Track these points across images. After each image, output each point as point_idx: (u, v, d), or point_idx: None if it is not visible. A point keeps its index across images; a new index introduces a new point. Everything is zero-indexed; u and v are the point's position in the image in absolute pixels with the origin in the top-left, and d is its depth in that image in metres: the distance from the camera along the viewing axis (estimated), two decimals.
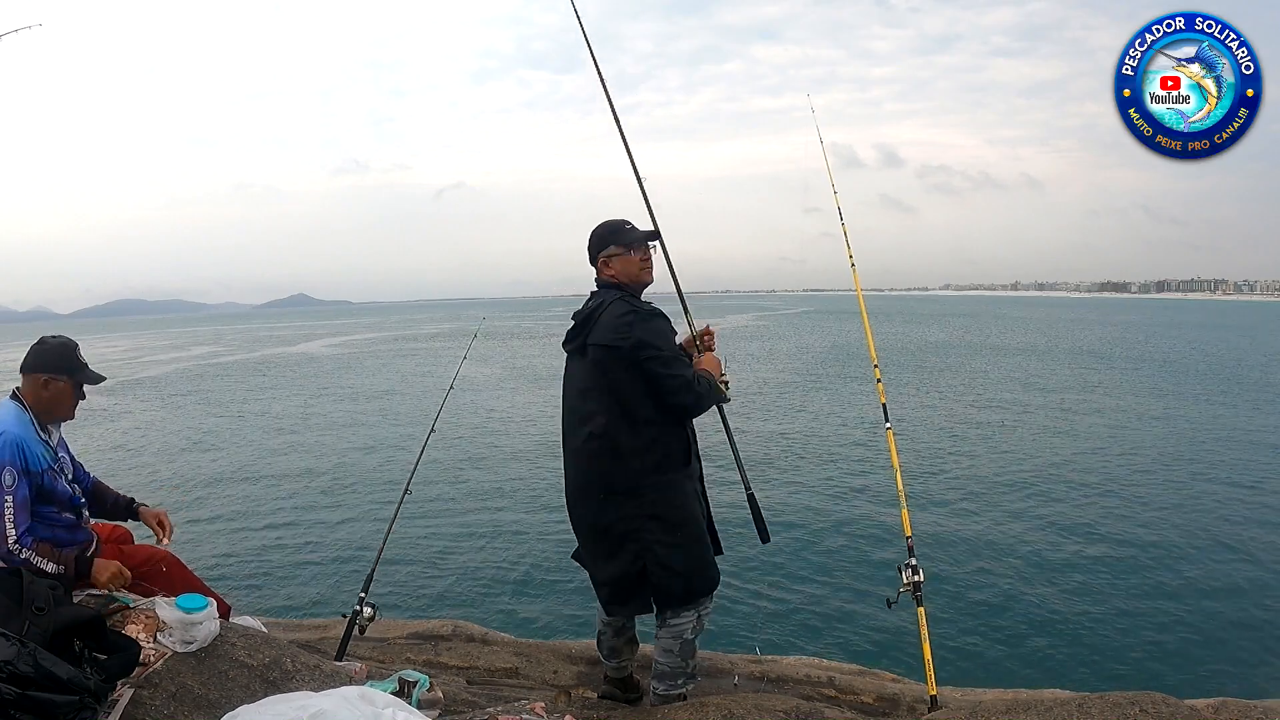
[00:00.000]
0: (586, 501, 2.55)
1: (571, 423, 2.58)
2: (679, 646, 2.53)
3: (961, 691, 3.10)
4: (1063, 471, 12.37)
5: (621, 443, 2.45)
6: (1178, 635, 6.65)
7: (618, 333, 2.42)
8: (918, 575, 2.72)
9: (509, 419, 18.59)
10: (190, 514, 11.11)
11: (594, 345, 2.48)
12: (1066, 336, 47.89)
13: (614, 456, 2.46)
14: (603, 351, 2.45)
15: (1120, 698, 2.07)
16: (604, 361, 2.45)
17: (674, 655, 2.53)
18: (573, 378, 2.61)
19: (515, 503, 11.08)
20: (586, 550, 2.65)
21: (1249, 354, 34.52)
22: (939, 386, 23.52)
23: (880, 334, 32.47)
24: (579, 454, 2.54)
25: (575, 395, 2.58)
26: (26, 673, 1.67)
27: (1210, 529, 9.36)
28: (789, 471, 12.51)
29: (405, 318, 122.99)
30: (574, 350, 2.60)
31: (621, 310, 2.45)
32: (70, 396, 2.54)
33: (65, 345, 2.57)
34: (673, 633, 2.52)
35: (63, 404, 2.54)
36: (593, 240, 2.59)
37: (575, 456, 2.57)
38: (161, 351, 52.07)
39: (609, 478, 2.47)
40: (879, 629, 6.52)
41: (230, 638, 2.40)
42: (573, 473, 2.60)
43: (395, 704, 1.88)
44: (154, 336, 79.51)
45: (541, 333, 55.79)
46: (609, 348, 2.44)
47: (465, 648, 3.43)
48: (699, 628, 2.55)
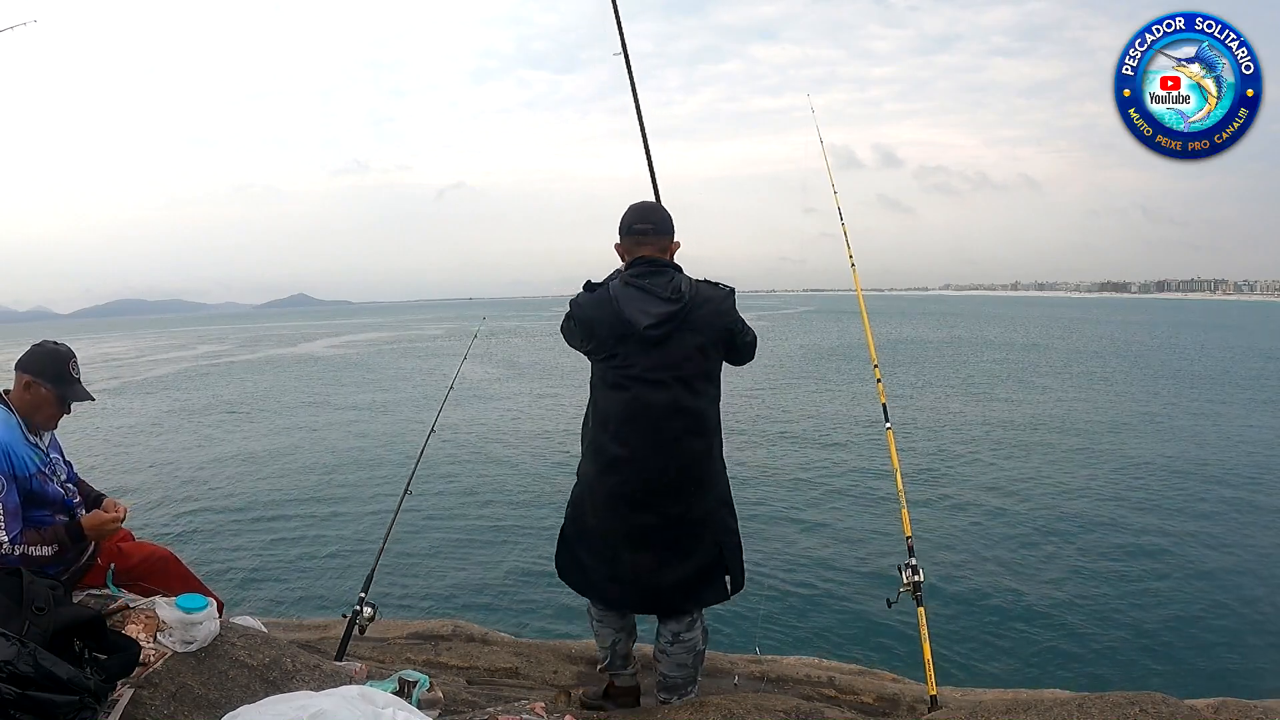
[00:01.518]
0: (678, 495, 2.34)
1: (661, 414, 2.32)
2: (692, 659, 2.52)
3: (961, 691, 3.10)
4: (1063, 471, 12.37)
5: (710, 428, 2.39)
6: (1178, 635, 6.66)
7: (727, 316, 2.38)
8: (918, 575, 2.71)
9: (509, 419, 18.60)
10: (190, 513, 11.12)
11: (704, 328, 2.35)
12: (1067, 336, 47.89)
13: (706, 444, 2.38)
14: (714, 334, 2.38)
15: (1120, 698, 2.07)
16: (709, 345, 2.37)
17: (687, 668, 2.52)
18: (658, 365, 2.33)
19: (516, 502, 11.08)
20: (652, 554, 2.37)
21: (1250, 354, 34.50)
22: (939, 386, 23.52)
23: (880, 334, 32.47)
24: (671, 445, 2.33)
25: (668, 382, 2.32)
26: (26, 673, 1.67)
27: (1211, 529, 9.36)
28: (789, 471, 12.51)
29: (405, 318, 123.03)
30: (663, 335, 2.33)
31: (718, 292, 2.40)
32: (52, 405, 2.46)
33: (57, 353, 2.50)
34: (685, 647, 2.49)
35: (42, 411, 2.45)
36: (661, 218, 2.47)
37: (665, 448, 2.32)
38: (164, 351, 52.06)
39: (700, 467, 2.37)
40: (879, 629, 6.52)
41: (230, 638, 2.40)
42: (658, 465, 2.33)
43: (395, 703, 1.87)
44: (156, 336, 79.52)
45: (542, 332, 55.78)
46: (723, 330, 2.39)
47: (465, 648, 3.43)
48: (706, 635, 2.56)
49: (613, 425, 2.38)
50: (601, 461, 2.42)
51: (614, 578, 2.44)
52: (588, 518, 2.48)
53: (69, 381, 2.48)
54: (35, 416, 2.45)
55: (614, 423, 2.38)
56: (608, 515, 2.42)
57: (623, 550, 2.40)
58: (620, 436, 2.36)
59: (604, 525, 2.43)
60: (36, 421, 2.47)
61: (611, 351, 2.37)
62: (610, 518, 2.41)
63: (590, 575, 2.50)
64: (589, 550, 2.49)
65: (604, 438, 2.41)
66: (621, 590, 2.46)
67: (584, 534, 2.50)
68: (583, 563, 2.51)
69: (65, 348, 2.55)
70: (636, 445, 2.34)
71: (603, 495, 2.42)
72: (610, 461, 2.39)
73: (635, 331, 2.31)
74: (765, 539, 8.93)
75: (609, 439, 2.39)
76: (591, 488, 2.46)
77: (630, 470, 2.35)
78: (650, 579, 2.40)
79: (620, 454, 2.36)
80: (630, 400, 2.34)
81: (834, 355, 34.88)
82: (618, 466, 2.37)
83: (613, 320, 2.35)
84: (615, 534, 2.41)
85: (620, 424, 2.36)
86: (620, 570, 2.42)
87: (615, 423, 2.38)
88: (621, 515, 2.38)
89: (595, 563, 2.47)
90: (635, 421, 2.34)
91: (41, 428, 2.50)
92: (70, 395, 2.48)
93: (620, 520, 2.39)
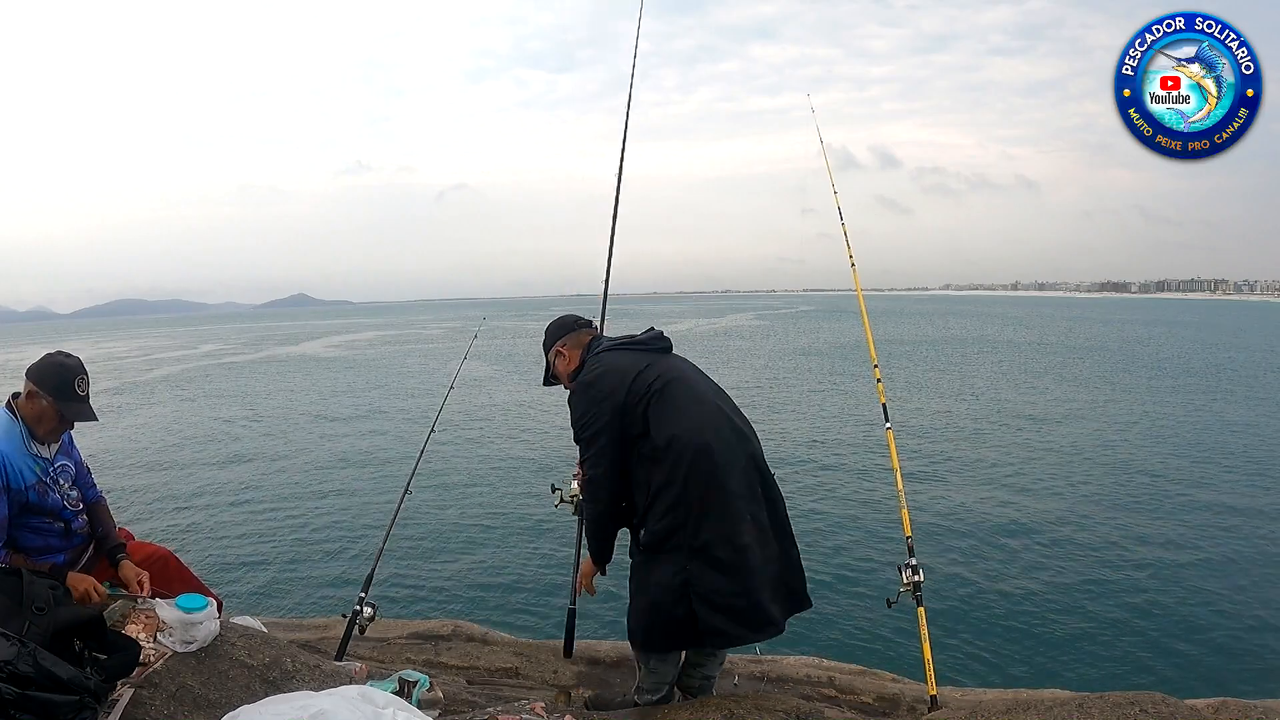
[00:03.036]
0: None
1: (737, 424, 2.37)
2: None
3: (961, 691, 3.10)
4: (1064, 472, 12.37)
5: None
6: (1178, 635, 6.66)
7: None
8: (918, 575, 2.72)
9: (509, 419, 18.59)
10: (191, 513, 11.13)
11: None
12: (1068, 336, 47.86)
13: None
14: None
15: (1120, 698, 2.07)
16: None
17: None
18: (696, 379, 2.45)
19: (516, 502, 11.08)
20: (781, 574, 2.34)
21: (1250, 355, 34.48)
22: (940, 386, 23.51)
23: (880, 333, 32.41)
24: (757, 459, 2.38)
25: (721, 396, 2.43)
26: (27, 673, 1.66)
27: (1211, 529, 9.36)
28: (788, 472, 12.51)
29: (406, 318, 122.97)
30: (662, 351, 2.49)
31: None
32: (53, 419, 2.41)
33: (64, 367, 2.43)
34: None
35: (43, 422, 2.41)
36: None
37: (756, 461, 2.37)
38: (168, 351, 52.07)
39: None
40: (879, 629, 6.52)
41: (230, 638, 2.40)
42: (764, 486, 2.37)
43: (395, 703, 1.88)
44: (158, 336, 79.50)
45: (541, 332, 55.48)
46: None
47: (465, 648, 3.43)
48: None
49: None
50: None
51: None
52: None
53: (71, 398, 2.41)
54: (36, 426, 2.42)
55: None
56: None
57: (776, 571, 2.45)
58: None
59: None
60: (40, 432, 2.43)
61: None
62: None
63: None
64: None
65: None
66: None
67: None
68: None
69: (75, 361, 2.49)
70: (738, 459, 2.41)
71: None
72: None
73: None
74: None
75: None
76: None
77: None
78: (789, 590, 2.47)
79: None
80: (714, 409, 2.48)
81: (834, 355, 34.86)
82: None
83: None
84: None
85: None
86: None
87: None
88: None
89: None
90: (724, 430, 2.44)
91: (43, 439, 2.45)
92: (70, 413, 2.43)
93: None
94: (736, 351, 38.83)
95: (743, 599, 2.22)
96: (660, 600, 2.27)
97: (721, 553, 2.21)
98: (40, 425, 2.42)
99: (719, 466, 2.24)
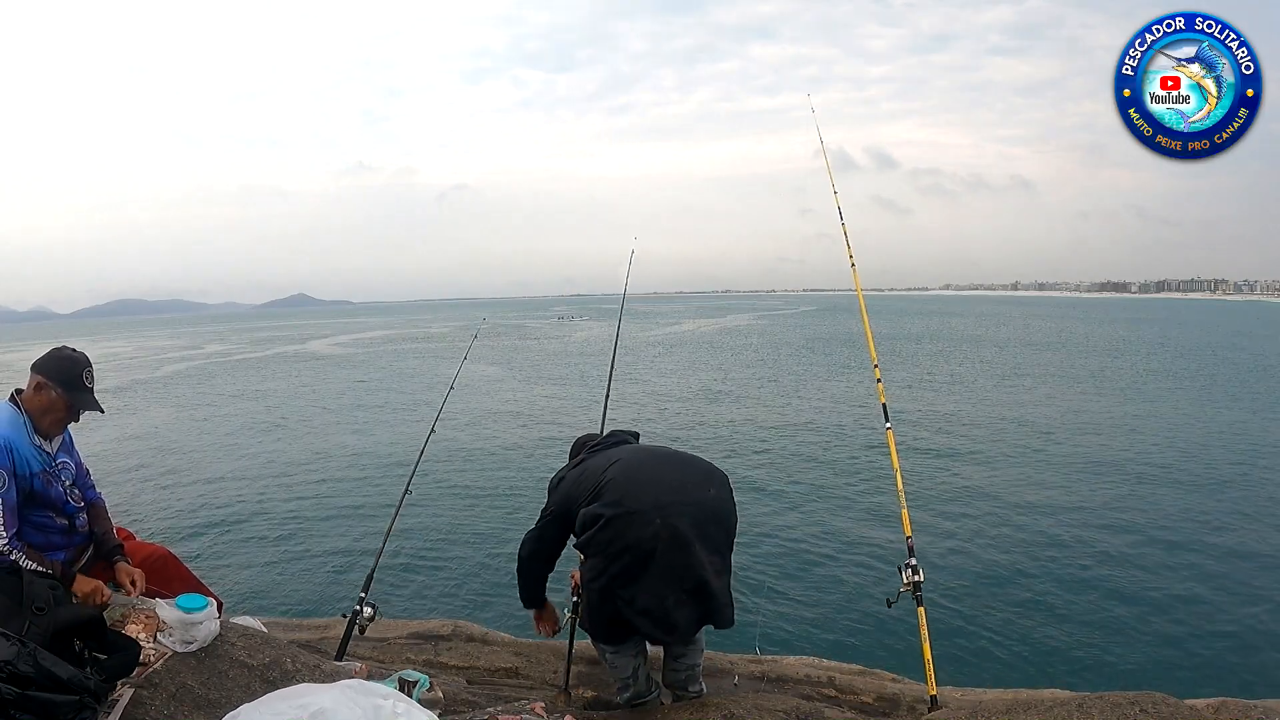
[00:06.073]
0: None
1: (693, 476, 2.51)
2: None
3: (961, 691, 3.10)
4: (1064, 472, 12.37)
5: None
6: (1178, 635, 6.65)
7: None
8: (918, 575, 2.71)
9: (509, 419, 18.59)
10: (190, 513, 11.13)
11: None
12: (1069, 335, 47.84)
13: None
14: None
15: (1120, 698, 2.07)
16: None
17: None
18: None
19: (516, 502, 11.08)
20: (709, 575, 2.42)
21: (1251, 355, 34.48)
22: (940, 386, 23.51)
23: (881, 333, 32.41)
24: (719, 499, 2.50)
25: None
26: (27, 673, 1.67)
27: (1211, 529, 9.36)
28: (789, 471, 12.51)
29: (406, 317, 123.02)
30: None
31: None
32: (61, 410, 2.45)
33: (72, 360, 2.49)
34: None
35: (50, 414, 2.44)
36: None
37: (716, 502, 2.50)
38: (169, 350, 52.12)
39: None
40: (879, 629, 6.52)
41: (230, 638, 2.40)
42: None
43: (395, 695, 1.88)
44: (159, 336, 79.54)
45: (542, 333, 55.80)
46: None
47: (465, 648, 3.43)
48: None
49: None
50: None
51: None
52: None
53: (80, 389, 2.47)
54: (43, 420, 2.45)
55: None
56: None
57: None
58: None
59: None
60: (44, 424, 2.46)
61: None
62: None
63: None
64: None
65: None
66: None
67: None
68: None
69: (82, 355, 2.55)
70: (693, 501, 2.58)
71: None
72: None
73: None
74: (765, 539, 8.94)
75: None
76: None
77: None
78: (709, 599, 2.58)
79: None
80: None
81: (833, 355, 34.87)
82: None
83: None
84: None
85: None
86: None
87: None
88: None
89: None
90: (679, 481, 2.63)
91: (49, 431, 2.48)
92: (79, 403, 2.48)
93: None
94: (737, 351, 38.87)
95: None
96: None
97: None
98: (47, 416, 2.45)
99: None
